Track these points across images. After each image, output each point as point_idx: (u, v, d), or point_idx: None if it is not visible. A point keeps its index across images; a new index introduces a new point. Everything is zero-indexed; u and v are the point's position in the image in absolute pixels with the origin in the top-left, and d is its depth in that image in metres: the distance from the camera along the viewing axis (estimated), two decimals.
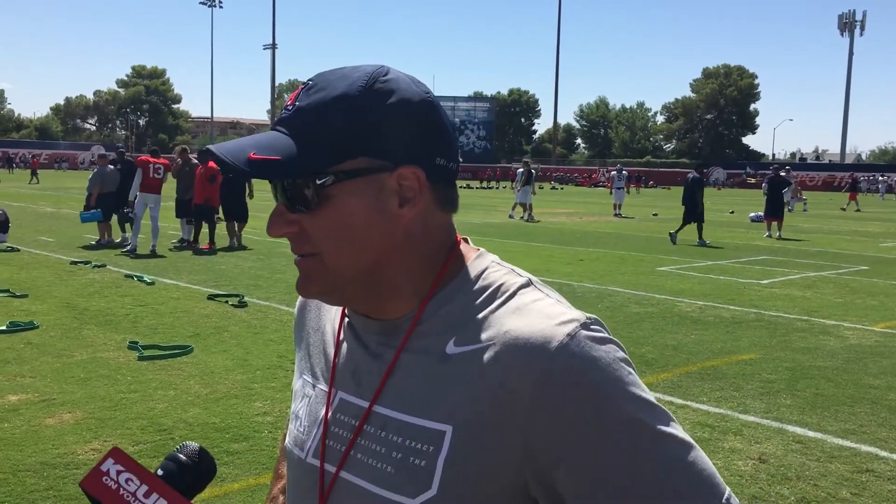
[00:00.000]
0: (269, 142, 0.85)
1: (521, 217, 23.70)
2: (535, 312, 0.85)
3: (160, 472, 0.93)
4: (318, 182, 0.85)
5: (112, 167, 14.76)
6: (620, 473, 0.80)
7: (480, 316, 0.87)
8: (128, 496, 0.89)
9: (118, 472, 0.90)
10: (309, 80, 0.89)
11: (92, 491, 0.90)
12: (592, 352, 0.81)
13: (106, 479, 0.90)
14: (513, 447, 0.82)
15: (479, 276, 0.91)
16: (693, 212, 17.34)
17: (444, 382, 0.86)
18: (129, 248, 13.27)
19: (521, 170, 24.39)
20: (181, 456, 0.96)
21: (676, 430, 0.83)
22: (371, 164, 0.85)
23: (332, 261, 0.88)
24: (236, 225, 14.42)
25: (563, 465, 0.81)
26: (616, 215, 26.47)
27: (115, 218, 14.36)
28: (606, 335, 0.84)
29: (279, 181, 0.87)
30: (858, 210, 34.62)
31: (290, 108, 0.88)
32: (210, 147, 0.86)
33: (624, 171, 28.97)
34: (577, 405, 0.80)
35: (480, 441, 0.83)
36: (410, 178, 0.87)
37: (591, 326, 0.84)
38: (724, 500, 0.82)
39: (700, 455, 0.83)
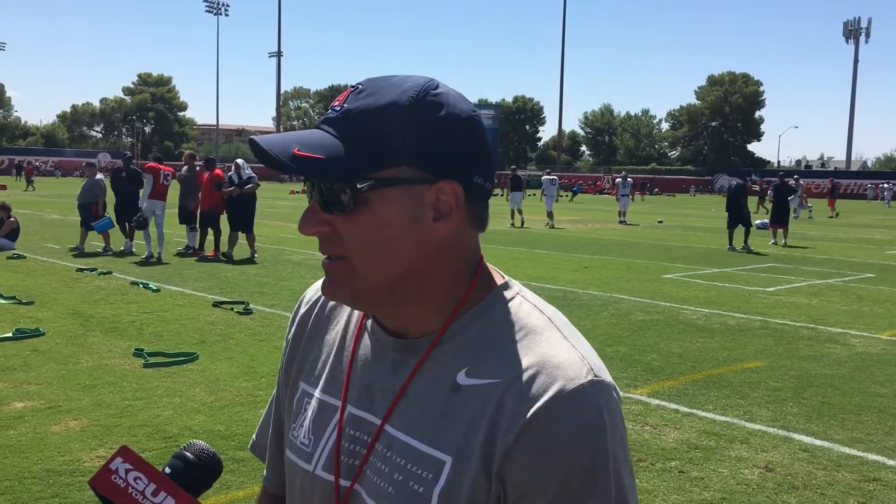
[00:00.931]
0: (315, 140, 0.85)
1: (517, 224, 23.86)
2: (546, 361, 0.85)
3: (167, 471, 0.95)
4: (359, 186, 0.84)
5: (101, 176, 14.93)
6: None
7: (496, 351, 0.88)
8: (136, 494, 0.90)
9: (127, 471, 0.91)
10: (358, 83, 0.89)
11: (101, 489, 0.91)
12: (581, 416, 0.82)
13: (115, 478, 0.91)
14: (495, 486, 0.84)
15: (502, 308, 0.92)
16: (738, 218, 17.64)
17: (451, 413, 0.87)
18: (146, 255, 13.32)
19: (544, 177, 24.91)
20: (188, 454, 0.97)
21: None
22: (412, 175, 0.85)
23: (361, 266, 0.88)
24: (244, 237, 13.75)
25: None
26: (621, 222, 26.48)
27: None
28: (601, 404, 0.83)
29: (319, 180, 0.86)
30: (833, 215, 34.62)
31: (336, 108, 0.88)
32: (254, 138, 0.85)
33: (629, 179, 29.04)
34: (546, 464, 0.81)
35: (472, 477, 0.84)
36: (449, 192, 0.87)
37: (597, 387, 0.84)
38: None
39: None
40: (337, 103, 0.88)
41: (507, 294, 0.93)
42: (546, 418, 0.81)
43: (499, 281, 0.95)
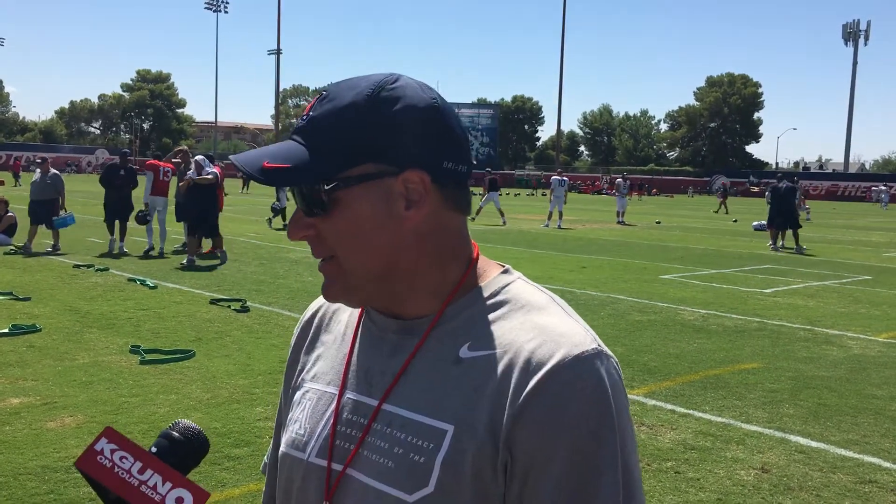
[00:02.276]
0: (283, 151, 0.91)
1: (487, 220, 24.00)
2: (550, 330, 0.88)
3: (154, 450, 0.94)
4: (327, 187, 0.89)
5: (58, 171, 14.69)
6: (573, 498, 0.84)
7: (498, 325, 0.91)
8: (122, 473, 0.90)
9: (112, 451, 0.91)
10: (323, 89, 0.94)
11: (87, 470, 0.91)
12: (587, 382, 0.85)
13: (100, 458, 0.91)
14: (502, 453, 0.85)
15: (502, 289, 0.95)
16: (790, 219, 18.24)
17: (453, 384, 0.89)
18: (147, 249, 13.49)
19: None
20: (174, 433, 0.97)
21: (635, 481, 0.87)
22: (377, 170, 0.89)
23: (346, 262, 0.92)
24: (204, 240, 12.90)
25: (530, 478, 0.85)
26: (619, 223, 26.52)
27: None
28: (605, 372, 0.87)
29: (297, 187, 0.91)
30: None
31: (304, 118, 0.93)
32: (231, 157, 0.91)
33: (627, 180, 29.15)
34: (555, 428, 0.83)
35: (476, 444, 0.86)
36: (416, 181, 0.90)
37: (601, 357, 0.87)
38: None
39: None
40: (305, 113, 0.93)
41: (508, 277, 0.97)
42: (552, 384, 0.84)
43: (498, 268, 0.99)
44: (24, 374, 5.97)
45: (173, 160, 14.50)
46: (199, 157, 13.07)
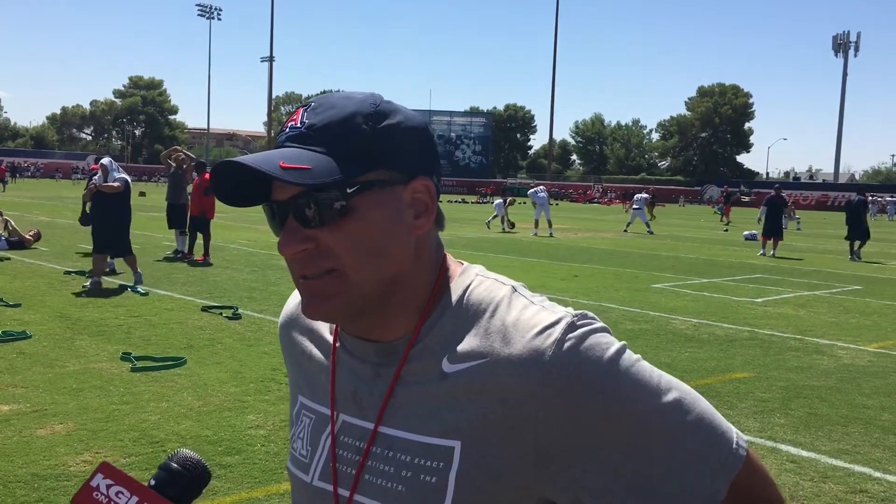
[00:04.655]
0: (293, 155, 0.86)
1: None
2: (523, 324, 0.87)
3: (152, 483, 0.94)
4: (348, 191, 0.86)
5: None
6: (635, 462, 0.84)
7: (471, 332, 0.90)
8: None
9: (108, 486, 0.90)
10: (310, 100, 0.92)
11: None
12: (583, 351, 0.85)
13: (96, 494, 0.90)
14: (525, 457, 0.85)
15: (465, 292, 0.94)
16: (857, 230, 19.16)
17: (445, 400, 0.88)
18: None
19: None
20: (172, 464, 0.95)
21: (676, 391, 0.87)
22: (389, 176, 0.88)
23: (355, 274, 0.88)
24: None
25: (577, 465, 0.84)
26: (650, 232, 26.62)
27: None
28: (591, 328, 0.87)
29: (312, 189, 0.85)
30: (729, 223, 34.80)
31: (298, 126, 0.88)
32: (238, 159, 0.85)
33: (644, 195, 29.56)
34: (580, 407, 0.83)
35: (491, 455, 0.85)
36: (423, 190, 0.90)
37: (578, 324, 0.87)
38: (734, 448, 0.87)
39: (703, 406, 0.88)
40: (295, 122, 0.89)
41: (468, 278, 0.96)
42: (556, 383, 0.83)
43: (459, 269, 0.98)
44: (13, 381, 5.94)
45: (168, 160, 14.46)
46: (105, 161, 10.90)
